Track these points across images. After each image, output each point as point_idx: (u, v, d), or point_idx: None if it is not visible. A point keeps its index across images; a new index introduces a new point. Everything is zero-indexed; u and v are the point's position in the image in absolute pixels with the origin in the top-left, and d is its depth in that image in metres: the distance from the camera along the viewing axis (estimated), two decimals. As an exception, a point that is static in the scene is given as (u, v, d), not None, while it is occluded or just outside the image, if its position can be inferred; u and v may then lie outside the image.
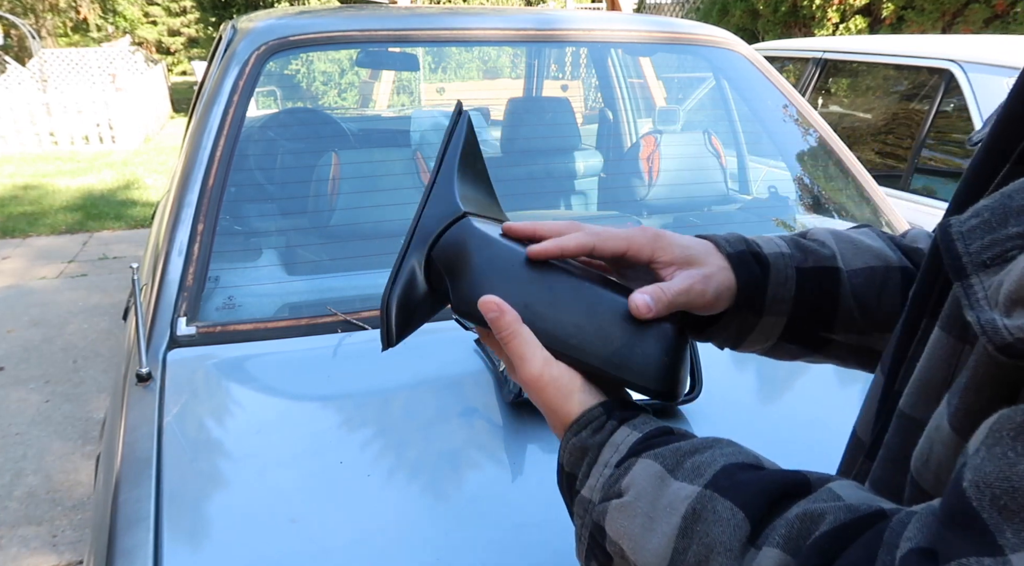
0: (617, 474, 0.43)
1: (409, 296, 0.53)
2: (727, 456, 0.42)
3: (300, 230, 1.44)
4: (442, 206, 0.53)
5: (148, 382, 1.00)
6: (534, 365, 0.48)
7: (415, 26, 1.55)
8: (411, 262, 0.53)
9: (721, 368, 1.07)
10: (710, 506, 0.38)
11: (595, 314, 0.49)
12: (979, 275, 0.33)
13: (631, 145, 2.43)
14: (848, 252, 0.56)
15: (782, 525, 0.35)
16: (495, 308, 0.49)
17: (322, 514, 0.78)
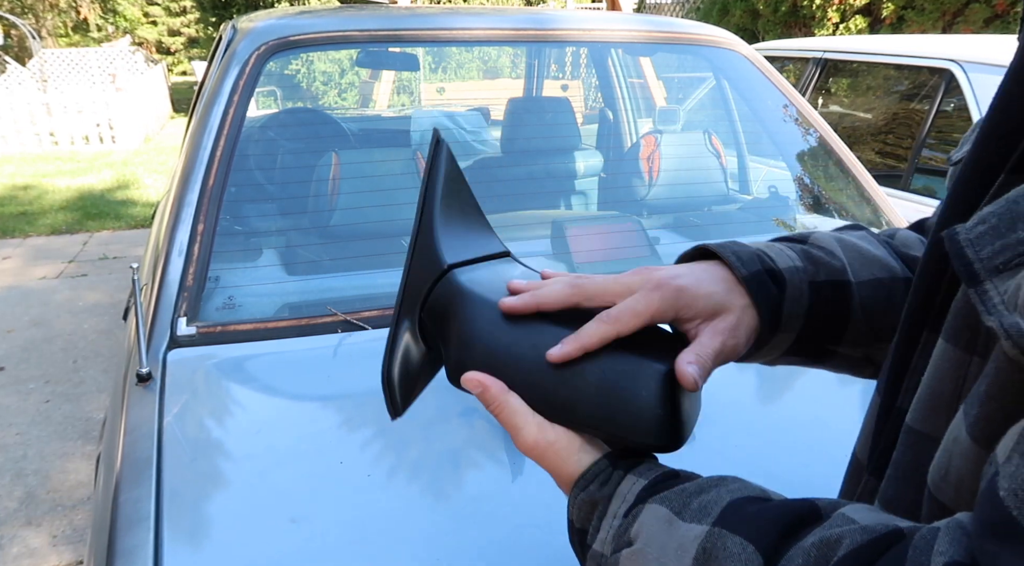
0: (626, 523, 0.42)
1: (409, 362, 0.52)
2: (733, 492, 0.41)
3: (300, 230, 1.44)
4: (426, 261, 0.52)
5: (148, 382, 1.00)
6: (528, 434, 0.47)
7: (415, 26, 1.55)
8: (404, 327, 0.52)
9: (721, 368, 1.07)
10: (720, 543, 0.37)
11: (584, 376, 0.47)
12: (993, 280, 0.32)
13: (631, 145, 2.43)
14: (856, 263, 0.55)
15: (798, 555, 0.34)
16: (477, 385, 0.48)
17: (322, 514, 0.78)
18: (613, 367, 0.47)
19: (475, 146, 2.29)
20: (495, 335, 0.49)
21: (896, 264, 0.56)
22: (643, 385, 0.46)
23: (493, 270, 0.54)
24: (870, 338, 0.55)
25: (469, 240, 0.55)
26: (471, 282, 0.51)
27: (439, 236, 0.52)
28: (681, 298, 0.49)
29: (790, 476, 0.82)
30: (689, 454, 0.88)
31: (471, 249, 0.55)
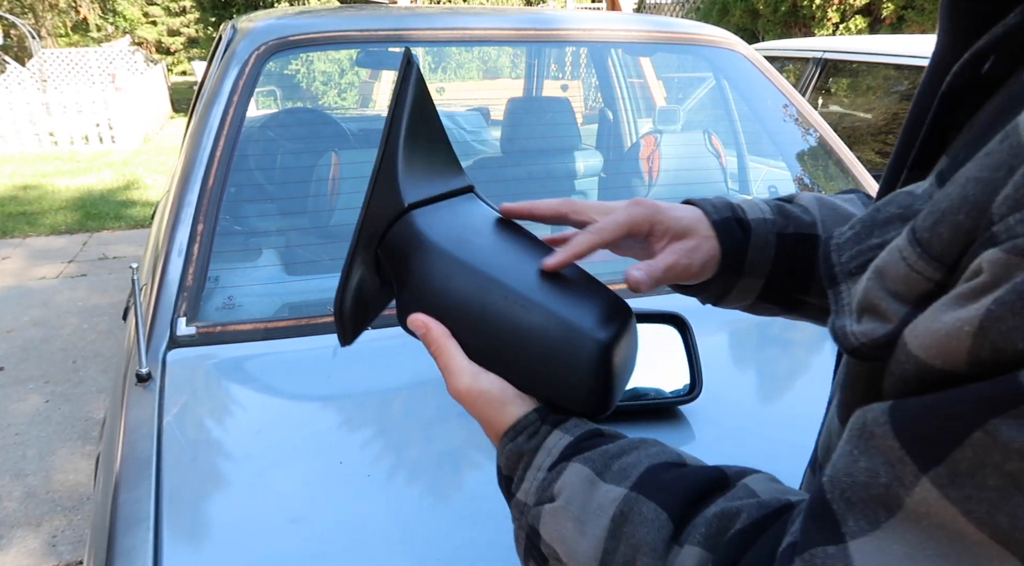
0: (550, 478, 0.45)
1: (361, 294, 0.53)
2: (651, 457, 0.44)
3: (300, 230, 1.44)
4: (386, 198, 0.51)
5: (148, 382, 1.00)
6: (462, 380, 0.48)
7: (415, 26, 1.55)
8: (359, 260, 0.52)
9: (721, 368, 1.07)
10: (636, 508, 0.40)
11: (524, 332, 0.48)
12: (847, 283, 0.35)
13: (631, 145, 2.43)
14: (829, 219, 0.59)
15: (702, 523, 0.37)
16: (422, 326, 0.50)
17: (322, 514, 0.78)
18: (557, 326, 0.47)
19: (475, 146, 2.29)
20: (445, 282, 0.50)
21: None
22: (581, 351, 0.47)
23: (453, 210, 0.54)
24: None
25: (432, 174, 0.55)
26: (429, 227, 0.51)
27: (401, 172, 0.51)
28: (657, 215, 0.56)
29: (790, 476, 0.82)
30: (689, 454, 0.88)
31: (434, 184, 0.54)
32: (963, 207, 0.27)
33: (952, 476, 0.25)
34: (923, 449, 0.26)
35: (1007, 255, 0.24)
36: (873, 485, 0.27)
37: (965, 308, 0.25)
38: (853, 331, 0.32)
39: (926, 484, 0.25)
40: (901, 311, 0.29)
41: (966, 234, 0.27)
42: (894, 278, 0.30)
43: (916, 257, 0.29)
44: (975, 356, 0.25)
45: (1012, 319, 0.23)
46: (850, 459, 0.29)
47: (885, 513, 0.27)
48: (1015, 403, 0.23)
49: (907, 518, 0.26)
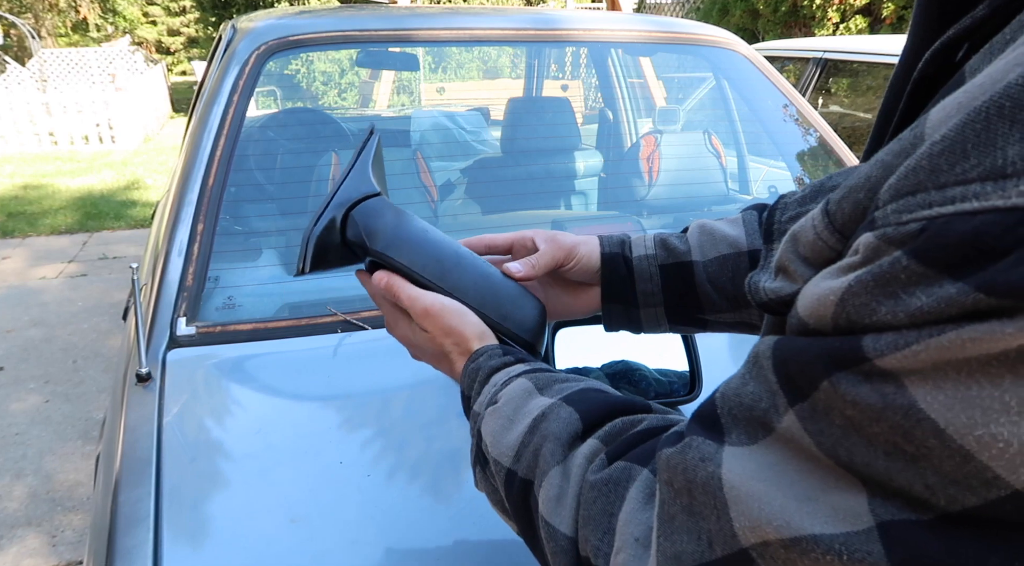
0: (498, 389, 0.51)
1: (326, 239, 0.62)
2: (589, 384, 0.50)
3: (300, 230, 1.43)
4: (360, 183, 0.63)
5: (148, 382, 1.00)
6: (423, 299, 0.57)
7: (415, 26, 1.55)
8: (332, 214, 0.61)
9: (721, 368, 1.07)
10: (555, 411, 0.46)
11: (488, 278, 0.61)
12: (779, 241, 0.37)
13: (631, 145, 2.43)
14: (706, 244, 0.66)
15: (608, 426, 0.44)
16: (381, 276, 0.60)
17: (322, 514, 0.78)
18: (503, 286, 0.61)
19: (475, 146, 2.29)
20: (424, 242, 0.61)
21: (745, 240, 0.65)
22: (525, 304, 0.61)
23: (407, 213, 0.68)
24: (729, 306, 0.66)
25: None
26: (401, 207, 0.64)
27: (372, 176, 0.63)
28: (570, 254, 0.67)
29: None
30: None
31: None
32: (864, 186, 0.29)
33: (811, 412, 0.29)
34: (791, 387, 0.30)
35: (877, 240, 0.27)
36: (755, 408, 0.31)
37: (836, 280, 0.29)
38: (765, 287, 0.35)
39: (792, 416, 0.30)
40: (807, 274, 0.33)
41: (862, 212, 0.29)
42: (804, 243, 0.33)
43: (823, 227, 0.32)
44: (836, 321, 0.28)
45: (864, 296, 0.27)
46: (741, 381, 0.33)
47: (762, 433, 0.31)
48: (855, 362, 0.27)
49: (776, 440, 0.30)
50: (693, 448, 0.33)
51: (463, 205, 1.70)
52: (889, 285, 0.26)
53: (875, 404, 0.26)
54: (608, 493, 0.39)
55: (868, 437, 0.27)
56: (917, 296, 0.25)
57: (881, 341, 0.26)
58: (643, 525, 0.36)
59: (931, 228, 0.25)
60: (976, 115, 0.24)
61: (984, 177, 0.23)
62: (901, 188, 0.26)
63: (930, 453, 0.25)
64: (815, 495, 0.28)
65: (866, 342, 0.27)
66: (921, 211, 0.25)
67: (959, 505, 0.25)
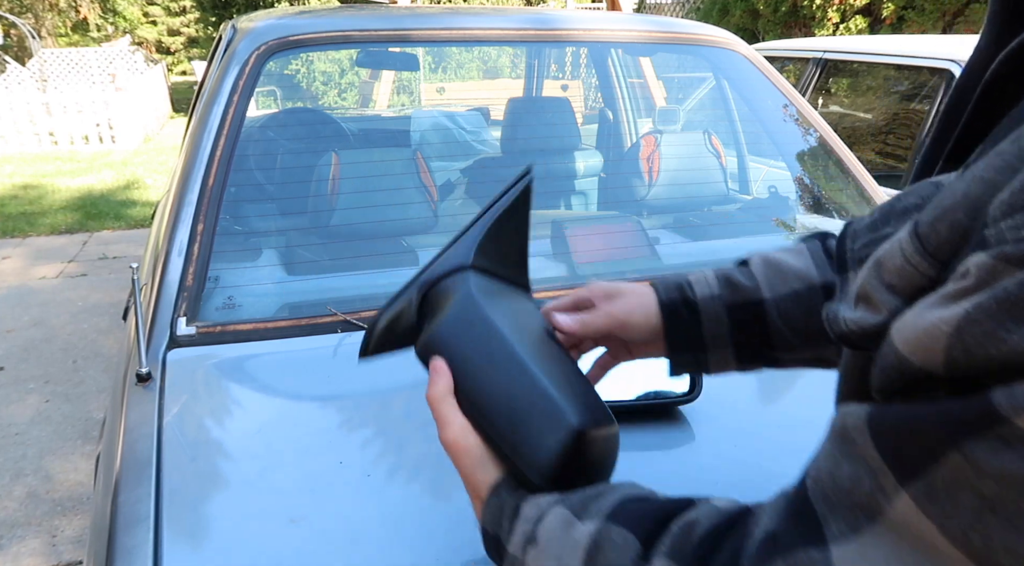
0: (534, 527, 0.46)
1: (397, 322, 0.58)
2: (624, 494, 0.45)
3: (300, 230, 1.44)
4: (458, 253, 0.57)
5: (148, 382, 1.00)
6: (452, 431, 0.52)
7: (415, 26, 1.55)
8: (408, 295, 0.58)
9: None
10: (606, 536, 0.42)
11: (532, 388, 0.50)
12: (855, 270, 0.35)
13: (631, 145, 2.43)
14: (775, 279, 0.62)
15: (667, 537, 0.39)
16: (438, 370, 0.53)
17: (322, 514, 0.78)
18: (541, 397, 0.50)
19: (475, 146, 2.29)
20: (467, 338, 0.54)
21: (816, 273, 0.62)
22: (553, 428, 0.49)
23: (505, 288, 0.59)
24: (804, 342, 0.62)
25: (503, 260, 0.60)
26: (479, 287, 0.56)
27: (483, 238, 0.57)
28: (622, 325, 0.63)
29: (790, 476, 0.82)
30: (689, 454, 0.88)
31: (500, 267, 0.60)
32: (963, 205, 0.27)
33: (929, 492, 0.25)
34: (902, 463, 0.26)
35: (994, 260, 0.24)
36: (856, 491, 0.27)
37: (947, 308, 0.25)
38: (845, 318, 0.32)
39: (905, 497, 0.26)
40: (892, 303, 0.30)
41: (962, 233, 0.27)
42: (890, 270, 0.30)
43: (913, 251, 0.29)
44: (949, 356, 0.25)
45: (987, 324, 0.23)
46: (832, 462, 0.29)
47: (867, 520, 0.27)
48: (989, 425, 0.23)
49: (887, 527, 0.26)
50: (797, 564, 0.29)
51: (463, 205, 1.70)
52: (1017, 309, 0.23)
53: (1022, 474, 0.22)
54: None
55: (1011, 516, 0.23)
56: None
57: (1018, 394, 0.22)
58: None
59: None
60: None
61: None
62: (1017, 203, 0.24)
63: None
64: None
65: (997, 398, 0.23)
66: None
67: None
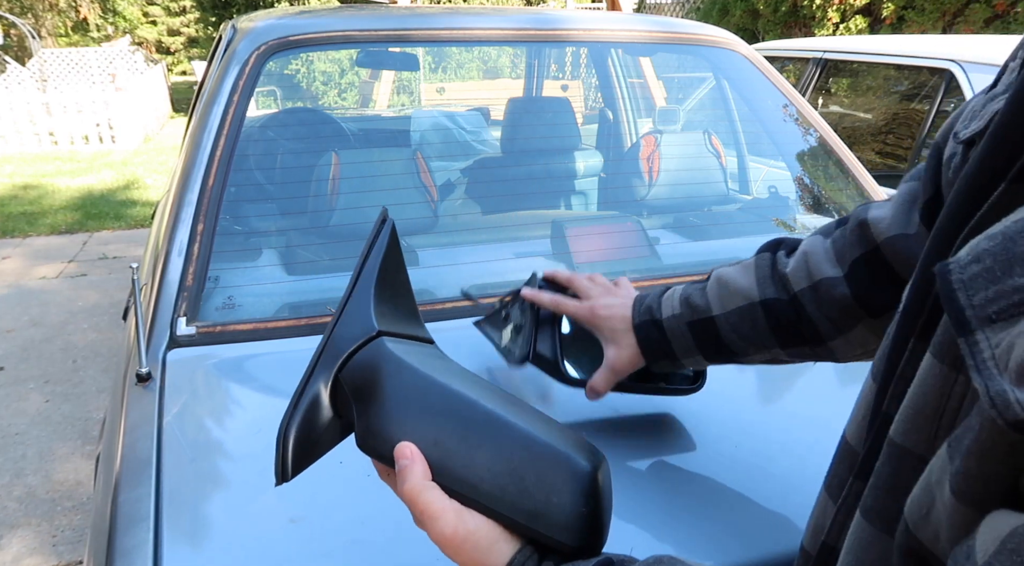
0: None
1: (312, 425, 0.49)
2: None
3: (300, 230, 1.44)
4: (356, 324, 0.49)
5: (148, 382, 1.00)
6: (447, 523, 0.45)
7: (415, 26, 1.55)
8: (316, 386, 0.49)
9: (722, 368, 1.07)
10: None
11: (526, 450, 0.45)
12: (984, 331, 0.29)
13: (631, 145, 2.43)
14: (724, 297, 0.72)
15: None
16: (408, 455, 0.46)
17: (322, 514, 0.78)
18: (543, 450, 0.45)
19: (475, 146, 2.29)
20: (422, 400, 0.47)
21: (756, 290, 0.70)
22: (571, 474, 0.44)
23: (421, 349, 0.52)
24: (755, 350, 0.72)
25: (399, 318, 0.53)
26: (404, 353, 0.49)
27: (374, 301, 0.50)
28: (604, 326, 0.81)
29: (790, 476, 0.82)
30: (689, 454, 0.88)
31: (400, 326, 0.52)
32: None
33: None
34: None
35: None
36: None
37: None
38: (1018, 400, 0.26)
39: None
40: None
41: None
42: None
43: None
44: None
45: None
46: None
47: None
48: None
49: None
50: None
51: (463, 205, 1.70)
52: None
53: None
54: None
55: None
56: None
57: None
58: None
59: None
60: None
61: None
62: None
63: None
64: None
65: None
66: None
67: None
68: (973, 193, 0.36)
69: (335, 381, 0.49)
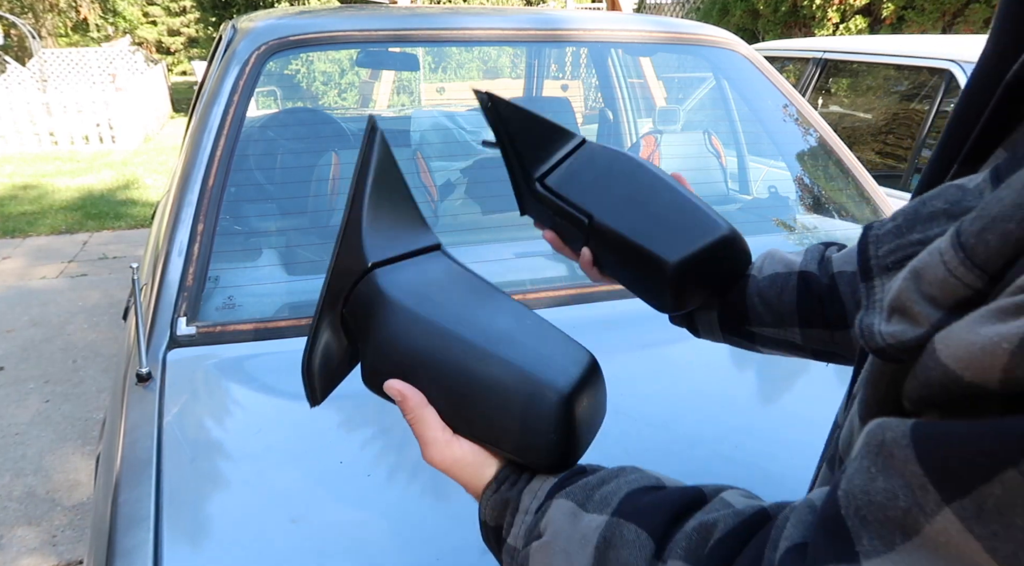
0: (536, 518, 0.46)
1: (329, 355, 0.54)
2: (630, 483, 0.44)
3: (300, 230, 1.44)
4: (350, 258, 0.52)
5: (148, 382, 1.00)
6: (437, 450, 0.51)
7: (415, 26, 1.55)
8: (326, 321, 0.53)
9: (722, 367, 1.07)
10: (618, 532, 0.41)
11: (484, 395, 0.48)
12: (881, 278, 0.34)
13: (631, 145, 2.43)
14: (766, 263, 0.70)
15: (682, 538, 0.38)
16: (398, 394, 0.51)
17: (322, 514, 0.78)
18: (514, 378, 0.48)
19: (475, 146, 2.29)
20: (405, 338, 0.50)
21: (798, 260, 0.68)
22: (541, 402, 0.47)
23: (418, 268, 0.55)
24: (774, 322, 0.68)
25: (399, 233, 0.55)
26: (391, 285, 0.52)
27: (365, 232, 0.52)
28: None
29: (789, 476, 0.82)
30: (690, 454, 0.88)
31: (400, 244, 0.55)
32: (1016, 215, 0.26)
33: (978, 510, 0.24)
34: (949, 480, 0.25)
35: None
36: (891, 507, 0.27)
37: (1006, 324, 0.24)
38: (881, 331, 0.31)
39: (948, 514, 0.25)
40: (934, 316, 0.29)
41: (1015, 245, 0.26)
42: (931, 281, 0.29)
43: (958, 262, 0.28)
44: (1010, 374, 0.24)
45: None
46: (867, 476, 0.28)
47: (902, 536, 0.26)
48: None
49: (924, 544, 0.26)
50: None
51: (463, 205, 1.70)
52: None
53: None
54: None
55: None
56: None
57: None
58: None
59: None
60: None
61: None
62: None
63: None
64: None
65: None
66: None
67: None
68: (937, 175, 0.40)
69: (342, 316, 0.53)
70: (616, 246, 0.67)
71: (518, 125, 0.71)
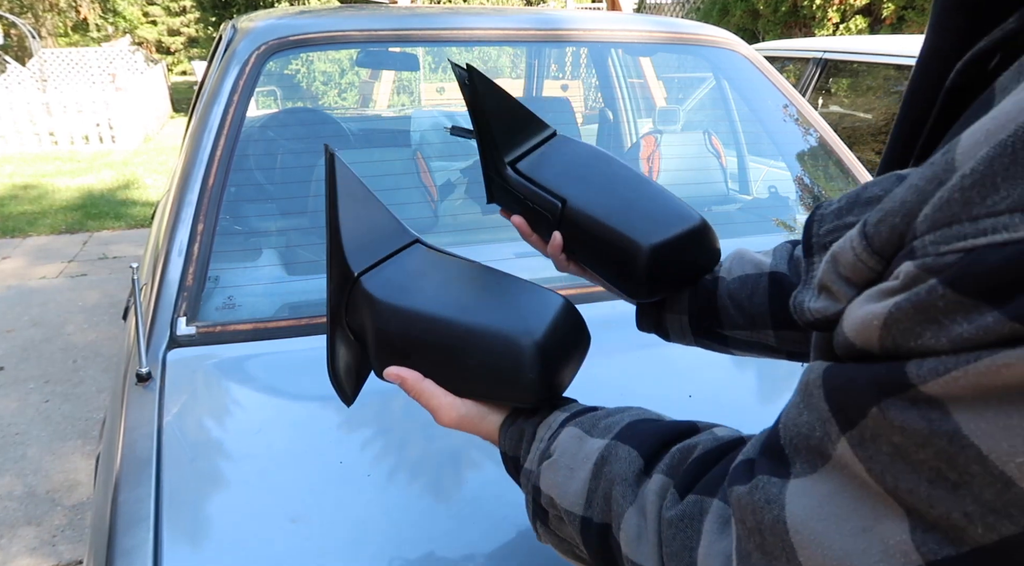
0: (548, 443, 0.52)
1: (349, 360, 0.61)
2: (633, 415, 0.52)
3: (300, 230, 1.44)
4: (339, 273, 0.59)
5: (148, 382, 1.00)
6: (445, 414, 0.57)
7: (415, 26, 1.55)
8: (337, 334, 0.60)
9: (722, 367, 1.07)
10: (614, 452, 0.48)
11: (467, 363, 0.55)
12: (820, 255, 0.39)
13: (631, 145, 2.43)
14: (735, 264, 0.71)
15: (666, 457, 0.45)
16: (396, 377, 0.58)
17: (322, 514, 0.78)
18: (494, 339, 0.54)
19: (475, 146, 2.29)
20: (397, 328, 0.57)
21: (767, 260, 0.69)
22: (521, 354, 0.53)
23: (398, 265, 0.61)
24: (746, 323, 0.69)
25: (376, 239, 0.62)
26: (375, 286, 0.58)
27: (346, 247, 0.59)
28: None
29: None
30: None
31: (380, 248, 0.62)
32: (900, 211, 0.30)
33: (860, 439, 0.30)
34: (842, 415, 0.31)
35: (917, 270, 0.28)
36: (811, 437, 0.32)
37: (879, 303, 0.29)
38: (810, 307, 0.36)
39: (844, 443, 0.30)
40: (850, 294, 0.33)
41: (899, 236, 0.30)
42: (844, 264, 0.33)
43: (862, 249, 0.32)
44: (883, 343, 0.29)
45: (906, 322, 0.28)
46: (796, 411, 0.34)
47: (820, 461, 0.32)
48: (901, 388, 0.28)
49: (832, 468, 0.31)
50: (760, 490, 0.34)
51: (463, 205, 1.70)
52: (929, 312, 0.27)
53: (921, 430, 0.27)
54: (685, 528, 0.40)
55: (913, 463, 0.28)
56: (958, 323, 0.26)
57: (924, 367, 0.27)
58: (721, 556, 0.37)
59: (966, 259, 0.26)
60: (1003, 149, 0.25)
61: (1013, 209, 0.25)
62: (937, 220, 0.27)
63: (972, 480, 0.26)
64: (869, 525, 0.29)
65: (910, 368, 0.27)
66: (957, 242, 0.26)
67: (996, 534, 0.26)
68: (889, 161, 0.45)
69: (348, 326, 0.60)
70: (590, 231, 0.68)
71: (494, 105, 0.72)
